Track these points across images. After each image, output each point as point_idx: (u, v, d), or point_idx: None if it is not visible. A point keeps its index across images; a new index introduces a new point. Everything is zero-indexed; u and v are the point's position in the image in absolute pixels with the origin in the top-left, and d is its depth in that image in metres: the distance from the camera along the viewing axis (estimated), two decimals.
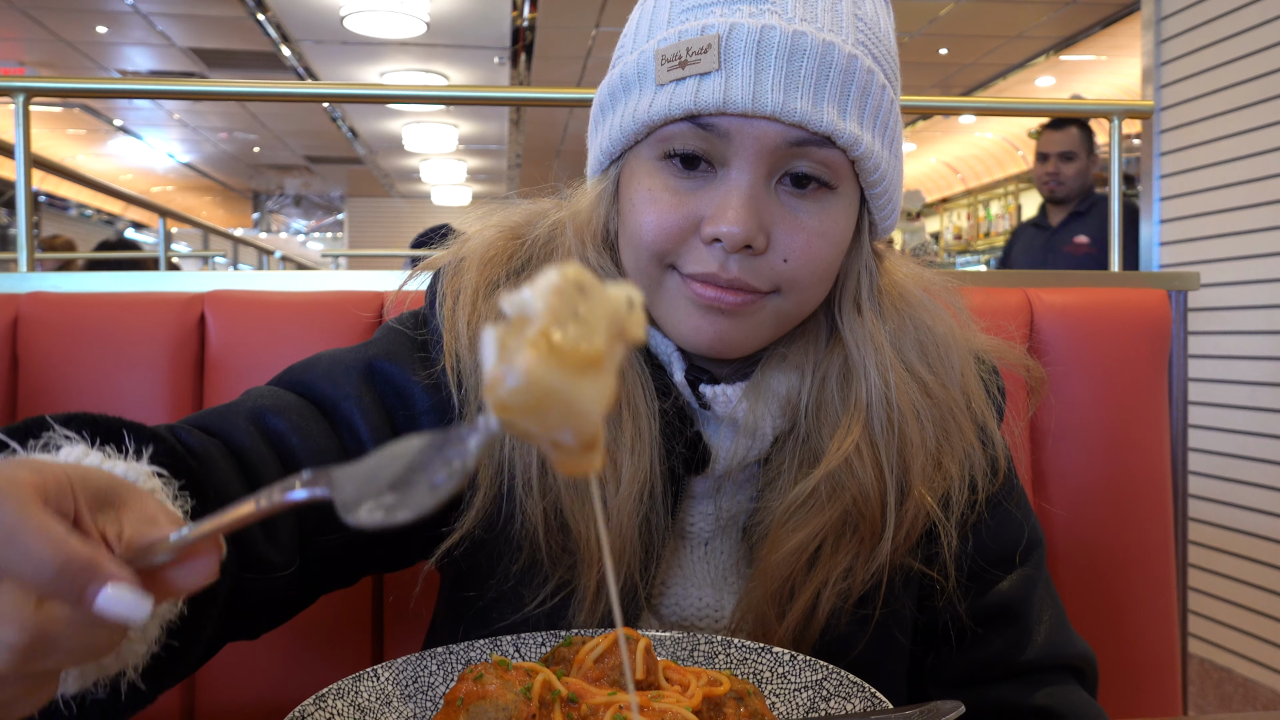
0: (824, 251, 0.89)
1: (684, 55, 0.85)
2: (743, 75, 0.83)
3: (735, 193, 0.85)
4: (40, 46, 8.57)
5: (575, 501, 0.93)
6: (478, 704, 0.66)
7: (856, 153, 0.87)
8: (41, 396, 1.38)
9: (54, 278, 1.56)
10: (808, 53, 0.84)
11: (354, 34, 8.02)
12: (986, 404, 1.02)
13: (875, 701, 0.75)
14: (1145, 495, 1.60)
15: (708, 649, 0.86)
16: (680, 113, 0.85)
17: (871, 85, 0.87)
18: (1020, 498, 1.07)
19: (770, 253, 0.87)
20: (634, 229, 0.90)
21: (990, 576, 1.03)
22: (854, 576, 0.94)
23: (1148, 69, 4.05)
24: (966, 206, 11.84)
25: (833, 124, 0.84)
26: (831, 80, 0.84)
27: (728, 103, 0.83)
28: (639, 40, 0.92)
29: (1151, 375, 1.61)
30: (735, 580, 1.00)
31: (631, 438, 0.92)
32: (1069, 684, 1.02)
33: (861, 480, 0.93)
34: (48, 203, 13.08)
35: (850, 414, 0.95)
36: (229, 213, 18.53)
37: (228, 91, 2.00)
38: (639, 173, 0.91)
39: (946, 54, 8.37)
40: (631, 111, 0.89)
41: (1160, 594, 1.61)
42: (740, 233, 0.84)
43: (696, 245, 0.88)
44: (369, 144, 13.13)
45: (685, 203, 0.88)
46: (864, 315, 0.96)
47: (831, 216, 0.89)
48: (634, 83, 0.90)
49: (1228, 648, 3.67)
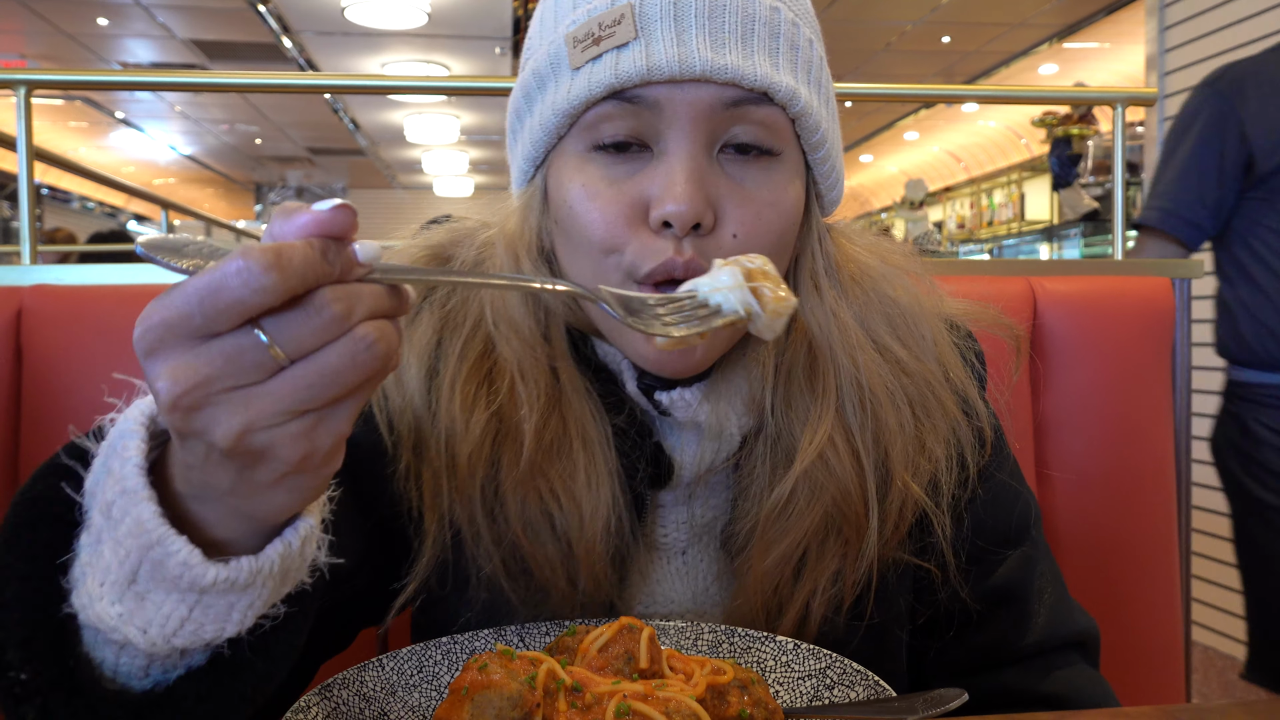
0: (775, 222, 0.83)
1: (596, 31, 0.80)
2: (663, 38, 0.78)
3: (677, 168, 0.79)
4: (41, 39, 8.56)
5: (534, 544, 0.87)
6: (483, 693, 0.66)
7: (796, 108, 0.82)
8: (45, 389, 1.38)
9: (57, 270, 1.56)
10: (728, 6, 0.79)
11: (355, 25, 8.01)
12: (965, 373, 0.96)
13: (879, 690, 0.75)
14: (1149, 483, 1.60)
15: (711, 638, 0.87)
16: (602, 90, 0.79)
17: (799, 38, 0.83)
18: (1013, 467, 1.03)
19: (719, 229, 0.82)
20: (578, 231, 0.84)
21: (991, 558, 0.98)
22: (844, 580, 0.89)
23: (1151, 56, 4.03)
24: (969, 195, 11.82)
25: (768, 77, 0.80)
26: (758, 33, 0.80)
27: (652, 69, 0.78)
28: (546, 31, 0.86)
29: (1155, 363, 1.61)
30: (718, 593, 0.95)
31: (586, 469, 0.86)
32: (1074, 664, 1.00)
33: (840, 476, 0.88)
34: (50, 195, 13.08)
35: (820, 404, 0.89)
36: (231, 205, 18.53)
37: (229, 83, 2.00)
38: (568, 169, 0.85)
39: (949, 42, 8.35)
40: (550, 104, 0.84)
41: (1164, 582, 1.61)
42: (688, 209, 0.78)
43: (647, 235, 0.81)
44: (371, 135, 13.12)
45: (626, 190, 0.82)
46: (823, 293, 0.90)
47: (779, 184, 0.84)
48: (548, 75, 0.85)
49: (1231, 635, 3.67)
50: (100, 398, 0.66)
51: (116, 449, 0.58)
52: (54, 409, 1.38)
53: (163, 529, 0.55)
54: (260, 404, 0.50)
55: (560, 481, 0.86)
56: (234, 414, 0.50)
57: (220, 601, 0.58)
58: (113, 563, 0.58)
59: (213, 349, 0.49)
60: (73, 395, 1.38)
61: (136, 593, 0.58)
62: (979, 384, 1.00)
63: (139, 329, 0.49)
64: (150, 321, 0.49)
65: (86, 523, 0.61)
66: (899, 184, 12.59)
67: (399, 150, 14.08)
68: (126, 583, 0.58)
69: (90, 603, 0.59)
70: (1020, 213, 10.41)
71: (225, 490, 0.55)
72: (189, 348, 0.49)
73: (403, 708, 0.77)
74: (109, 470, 0.58)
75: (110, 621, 0.58)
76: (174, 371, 0.49)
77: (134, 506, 0.56)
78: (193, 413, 0.50)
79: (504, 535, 0.88)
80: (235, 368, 0.49)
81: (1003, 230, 10.18)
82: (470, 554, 0.89)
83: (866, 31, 8.02)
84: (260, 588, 0.59)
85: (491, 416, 0.87)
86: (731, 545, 0.92)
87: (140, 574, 0.57)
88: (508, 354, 0.88)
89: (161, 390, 0.50)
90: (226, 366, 0.49)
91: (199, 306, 0.48)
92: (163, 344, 0.49)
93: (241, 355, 0.49)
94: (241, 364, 0.49)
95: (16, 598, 0.61)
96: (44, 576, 0.61)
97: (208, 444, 0.52)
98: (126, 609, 0.58)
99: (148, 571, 0.57)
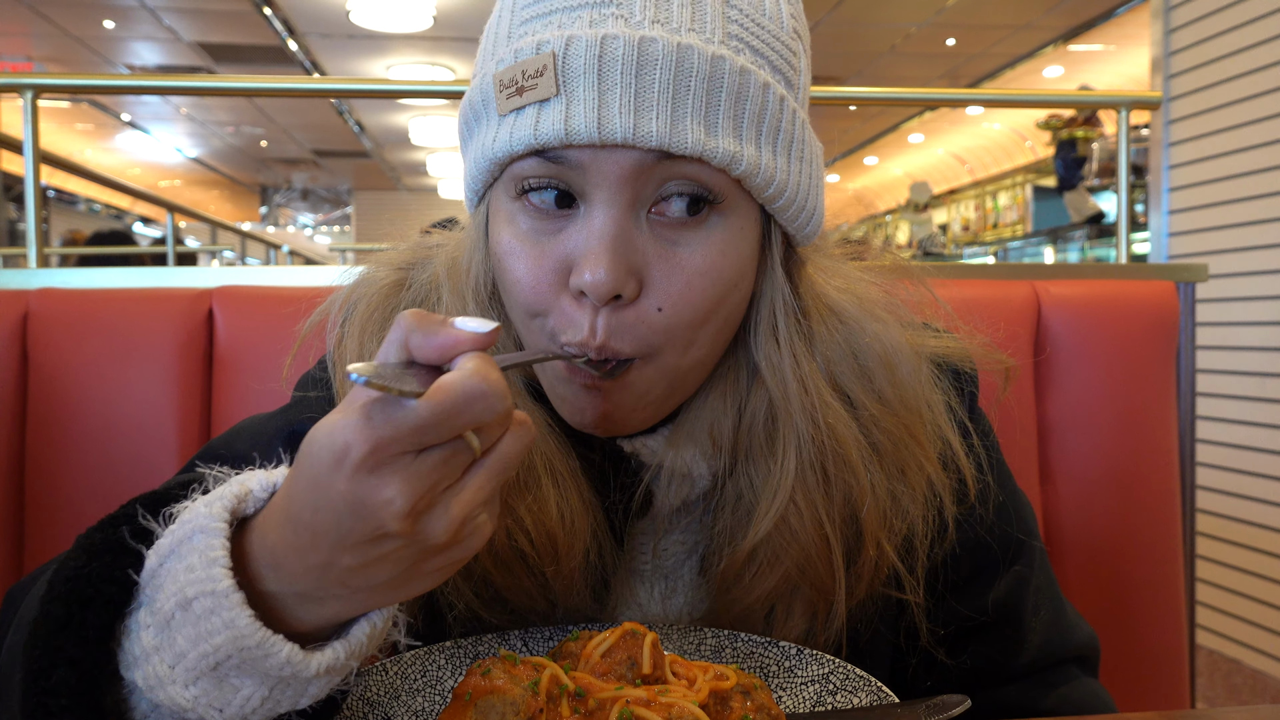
0: (708, 290, 0.76)
1: (520, 80, 0.74)
2: (584, 99, 0.71)
3: (596, 235, 0.73)
4: (48, 42, 8.59)
5: (506, 576, 0.85)
6: (486, 698, 0.66)
7: (738, 171, 0.75)
8: (52, 392, 1.39)
9: (64, 274, 1.57)
10: (659, 62, 0.71)
11: (360, 28, 8.02)
12: (948, 420, 0.90)
13: (881, 696, 0.75)
14: (1153, 487, 1.60)
15: (714, 643, 0.87)
16: (522, 148, 0.74)
17: (748, 88, 0.75)
18: (1000, 508, 0.96)
19: (643, 299, 0.76)
20: (505, 286, 0.80)
21: (983, 581, 0.96)
22: (814, 639, 0.86)
23: (1156, 59, 4.03)
24: (974, 198, 11.79)
25: (699, 143, 0.72)
26: (694, 91, 0.72)
27: (570, 133, 0.71)
28: (484, 59, 0.81)
29: (1159, 367, 1.61)
30: (703, 617, 0.93)
31: (558, 503, 0.83)
32: (1074, 678, 0.98)
33: (803, 541, 0.83)
34: (56, 198, 13.11)
35: (779, 468, 0.83)
36: (237, 207, 18.56)
37: (235, 86, 2.00)
38: (500, 216, 0.80)
39: (954, 44, 8.34)
40: (480, 146, 0.79)
41: (1168, 585, 1.61)
42: (606, 281, 0.72)
43: (568, 301, 0.76)
44: (376, 138, 13.14)
45: (549, 251, 0.76)
46: (782, 347, 0.83)
47: (718, 246, 0.77)
48: (481, 112, 0.80)
49: (1236, 639, 3.66)
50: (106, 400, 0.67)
51: (196, 545, 0.60)
52: (60, 412, 1.38)
53: (262, 633, 0.58)
54: (467, 496, 0.57)
55: (530, 516, 0.83)
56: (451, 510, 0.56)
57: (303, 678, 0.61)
58: (188, 650, 0.60)
59: (433, 456, 0.55)
60: (79, 398, 1.39)
61: (215, 679, 0.60)
62: (961, 429, 0.92)
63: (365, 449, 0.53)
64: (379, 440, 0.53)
65: (147, 603, 0.62)
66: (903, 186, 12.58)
67: (404, 153, 14.09)
68: (207, 670, 0.60)
69: (159, 684, 0.61)
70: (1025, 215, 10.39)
71: (382, 582, 0.59)
72: (411, 460, 0.55)
73: (406, 712, 0.78)
74: (189, 567, 0.59)
75: (183, 703, 0.61)
76: (407, 480, 0.54)
77: (225, 610, 0.58)
78: (422, 515, 0.56)
79: (473, 569, 0.85)
80: (450, 469, 0.56)
81: (1008, 233, 10.17)
82: (439, 591, 0.86)
83: (871, 34, 8.02)
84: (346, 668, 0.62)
85: None
86: (709, 573, 0.90)
87: (226, 664, 0.59)
88: None
89: (396, 499, 0.54)
90: (445, 469, 0.56)
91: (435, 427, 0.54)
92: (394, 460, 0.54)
93: (456, 457, 0.56)
94: (454, 465, 0.56)
95: (64, 682, 0.61)
96: (94, 661, 0.62)
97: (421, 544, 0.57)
98: (202, 691, 0.61)
99: (236, 663, 0.59)
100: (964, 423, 0.93)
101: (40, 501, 1.38)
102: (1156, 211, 4.02)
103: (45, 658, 0.62)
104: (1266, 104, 3.51)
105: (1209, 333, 3.75)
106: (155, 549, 0.63)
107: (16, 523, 1.38)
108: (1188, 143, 3.88)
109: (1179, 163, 3.92)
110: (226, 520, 0.60)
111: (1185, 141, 3.89)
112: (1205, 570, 3.77)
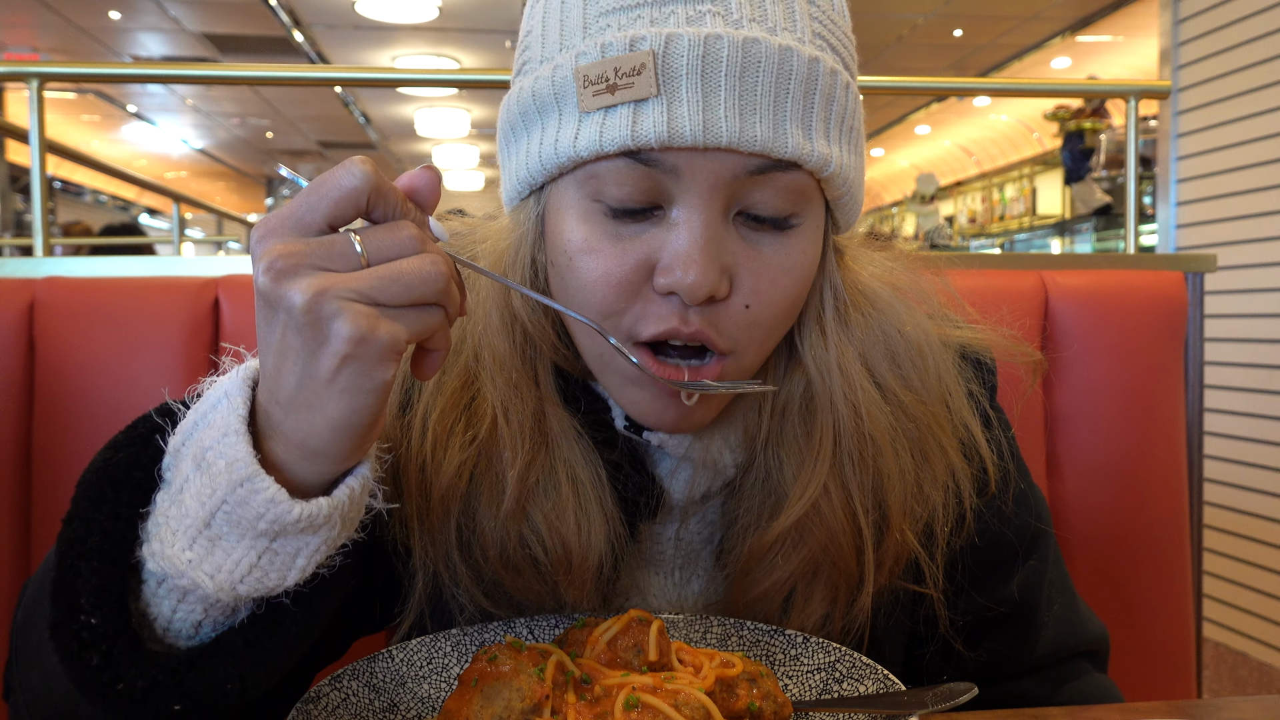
0: (790, 288, 0.78)
1: (612, 78, 0.71)
2: (689, 101, 0.70)
3: (691, 239, 0.72)
4: (53, 32, 8.59)
5: (516, 579, 0.84)
6: (492, 685, 0.66)
7: (826, 173, 0.76)
8: (58, 380, 1.39)
9: (70, 263, 1.57)
10: (763, 65, 0.71)
11: (366, 18, 8.01)
12: (970, 410, 0.91)
13: (888, 684, 0.75)
14: (1160, 478, 1.60)
15: (720, 631, 0.87)
16: (615, 148, 0.72)
17: (836, 89, 0.75)
18: (1020, 498, 0.97)
19: (731, 298, 0.76)
20: (576, 286, 0.77)
21: (997, 575, 0.96)
22: (832, 625, 0.86)
23: (1165, 49, 4.01)
24: (981, 189, 11.76)
25: (799, 147, 0.73)
26: (793, 94, 0.72)
27: (673, 136, 0.70)
28: (550, 48, 0.77)
29: (1167, 358, 1.60)
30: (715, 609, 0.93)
31: (575, 511, 0.83)
32: (1085, 673, 0.99)
33: (831, 525, 0.83)
34: (62, 188, 13.13)
35: (816, 454, 0.84)
36: (243, 198, 18.58)
37: (241, 76, 2.00)
38: (569, 214, 0.77)
39: (961, 35, 8.31)
40: (552, 141, 0.76)
41: (1175, 578, 1.60)
42: (704, 284, 0.72)
43: (650, 297, 0.76)
44: (381, 129, 13.13)
45: (630, 249, 0.75)
46: (828, 336, 0.84)
47: (799, 247, 0.78)
48: (550, 104, 0.76)
49: (1243, 632, 3.66)
50: (112, 389, 0.69)
51: (219, 405, 0.65)
52: (66, 400, 1.38)
53: (254, 466, 0.62)
54: (338, 280, 0.60)
55: (546, 523, 0.83)
56: (315, 279, 0.59)
57: (289, 547, 0.64)
58: (193, 508, 0.63)
59: (311, 239, 0.61)
60: (85, 386, 1.39)
61: (209, 537, 0.64)
62: (983, 419, 0.93)
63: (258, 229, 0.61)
64: (266, 217, 0.62)
65: (167, 481, 0.67)
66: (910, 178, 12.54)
67: (410, 144, 14.08)
68: (201, 527, 0.63)
69: (162, 549, 0.65)
70: (1032, 207, 10.36)
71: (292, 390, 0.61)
72: (293, 235, 0.61)
73: (412, 699, 0.78)
74: (209, 423, 0.65)
75: (180, 566, 0.64)
76: (276, 247, 0.60)
77: (230, 447, 0.62)
78: (283, 276, 0.59)
79: (484, 573, 0.85)
80: (326, 253, 0.60)
81: (1014, 225, 10.14)
82: (449, 592, 0.86)
83: (879, 25, 7.99)
84: (329, 529, 0.65)
85: (469, 454, 0.84)
86: (724, 564, 0.90)
87: (217, 517, 0.63)
88: (491, 393, 0.84)
89: (262, 257, 0.59)
90: (319, 249, 0.60)
91: (305, 196, 0.61)
92: (272, 232, 0.61)
93: (333, 245, 0.61)
94: (331, 252, 0.61)
95: (96, 548, 0.66)
96: (123, 534, 0.67)
97: (286, 309, 0.59)
98: (197, 554, 0.64)
99: (226, 514, 0.62)
100: (986, 412, 0.93)
101: (47, 489, 1.38)
102: (1165, 203, 4.00)
103: (76, 544, 0.66)
104: (1275, 95, 3.49)
105: (1217, 324, 3.74)
106: (179, 428, 0.67)
107: (23, 510, 1.39)
108: (1196, 134, 3.86)
109: (1187, 154, 3.91)
110: (249, 379, 0.66)
111: (1194, 132, 3.87)
112: (1212, 563, 3.76)
